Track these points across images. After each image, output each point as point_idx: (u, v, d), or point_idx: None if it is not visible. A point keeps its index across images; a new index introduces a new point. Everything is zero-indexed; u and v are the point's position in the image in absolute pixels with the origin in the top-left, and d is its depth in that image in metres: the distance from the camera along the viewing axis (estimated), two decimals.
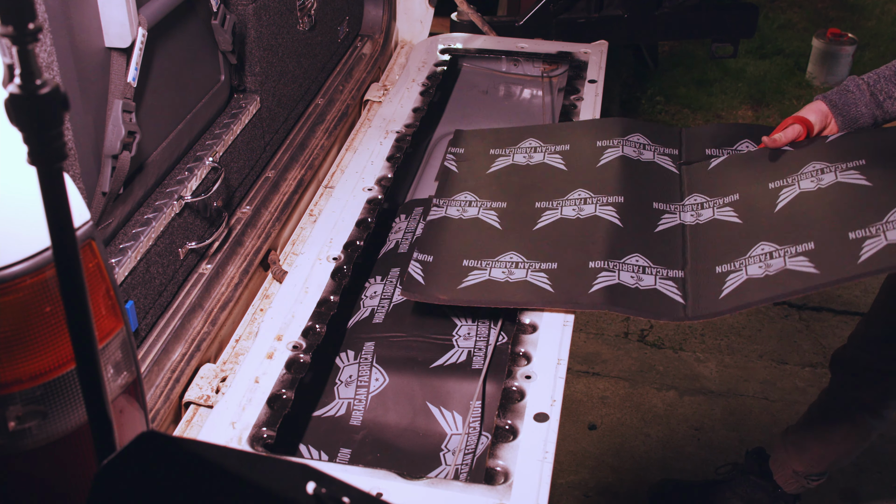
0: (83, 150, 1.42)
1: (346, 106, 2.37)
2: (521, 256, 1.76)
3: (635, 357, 3.19)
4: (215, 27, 1.78)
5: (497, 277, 1.72)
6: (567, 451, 2.81)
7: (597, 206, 1.87)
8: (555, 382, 1.51)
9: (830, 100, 1.98)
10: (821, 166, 1.82)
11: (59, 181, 0.66)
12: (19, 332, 0.95)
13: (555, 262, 1.73)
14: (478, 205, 1.93)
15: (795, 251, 1.65)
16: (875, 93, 1.94)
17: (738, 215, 1.81)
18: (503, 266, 1.74)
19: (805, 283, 1.59)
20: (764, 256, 1.68)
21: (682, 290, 1.68)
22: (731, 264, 1.69)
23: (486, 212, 1.91)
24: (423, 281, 1.73)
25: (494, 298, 1.68)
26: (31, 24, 0.62)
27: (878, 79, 1.94)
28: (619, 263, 1.71)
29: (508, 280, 1.71)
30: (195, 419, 1.53)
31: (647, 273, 1.71)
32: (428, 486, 1.32)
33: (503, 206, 1.93)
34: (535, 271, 1.72)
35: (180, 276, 1.71)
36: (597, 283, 1.66)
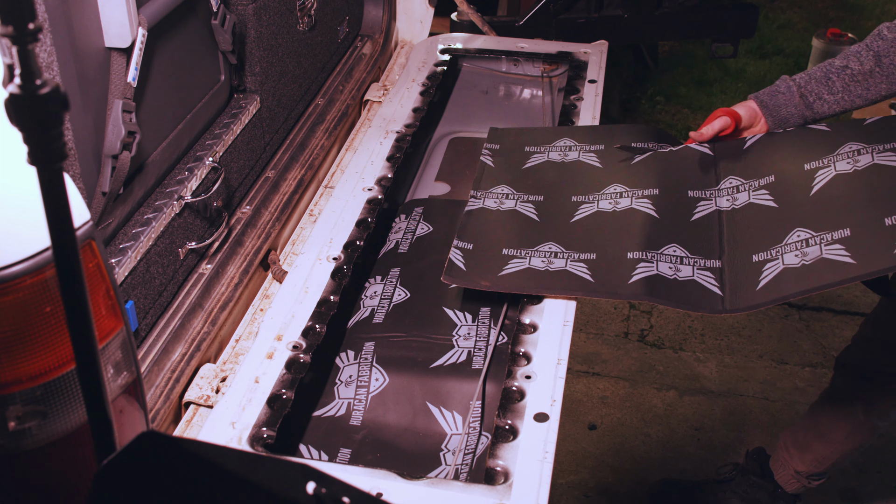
0: (83, 150, 1.42)
1: (346, 106, 2.37)
2: (559, 247, 1.78)
3: (635, 357, 3.19)
4: (215, 27, 1.78)
5: (537, 266, 1.74)
6: (567, 451, 2.81)
7: (633, 199, 1.88)
8: (555, 382, 1.50)
9: (761, 100, 2.00)
10: (857, 147, 1.82)
11: (59, 181, 0.66)
12: (19, 332, 0.95)
13: (593, 253, 1.75)
14: (514, 197, 1.95)
15: (831, 238, 1.65)
16: (805, 94, 1.96)
17: (774, 199, 1.81)
18: (542, 255, 1.76)
19: (841, 276, 1.58)
20: (800, 244, 1.67)
21: (719, 281, 1.68)
22: (768, 252, 1.69)
23: (523, 204, 1.93)
24: (465, 267, 1.75)
25: (535, 286, 1.70)
26: (31, 24, 0.62)
27: (808, 80, 1.97)
28: (657, 254, 1.72)
29: (548, 269, 1.72)
30: (195, 419, 1.53)
31: (685, 263, 1.71)
32: (428, 486, 1.32)
33: (540, 199, 1.94)
34: (574, 261, 1.74)
35: (180, 276, 1.71)
36: (636, 274, 1.68)
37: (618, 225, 1.82)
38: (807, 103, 1.97)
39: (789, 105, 1.97)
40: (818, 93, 1.96)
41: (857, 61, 1.94)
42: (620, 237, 1.78)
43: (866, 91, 1.95)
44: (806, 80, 1.97)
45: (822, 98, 1.96)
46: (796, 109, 1.97)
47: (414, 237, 2.00)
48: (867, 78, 1.94)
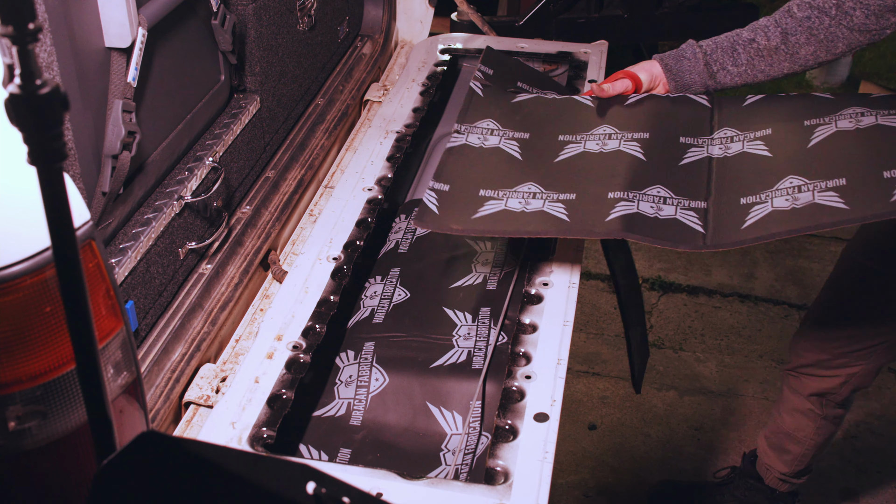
0: (83, 150, 1.42)
1: (346, 106, 2.37)
2: (539, 187, 1.73)
3: None
4: (215, 27, 1.78)
5: (513, 208, 1.69)
6: (567, 451, 2.81)
7: (621, 141, 1.84)
8: (555, 382, 1.51)
9: (666, 63, 1.99)
10: (861, 110, 1.79)
11: (59, 181, 0.67)
12: (19, 332, 0.95)
13: (573, 193, 1.70)
14: (499, 133, 1.90)
15: (825, 186, 1.61)
16: (710, 62, 1.95)
17: (769, 149, 1.78)
18: (520, 196, 1.71)
19: (832, 218, 1.54)
20: (792, 190, 1.64)
21: (702, 220, 1.64)
22: (757, 196, 1.65)
23: (507, 141, 1.88)
24: (438, 210, 1.69)
25: (508, 228, 1.65)
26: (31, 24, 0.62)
27: (715, 48, 1.96)
28: (640, 194, 1.68)
29: (525, 210, 1.67)
30: (195, 419, 1.53)
31: (668, 204, 1.67)
32: (428, 486, 1.32)
33: (525, 136, 1.89)
34: (552, 202, 1.69)
35: (180, 276, 1.71)
36: (614, 213, 1.63)
37: (603, 166, 1.77)
38: (710, 72, 1.95)
39: (693, 71, 1.96)
40: (722, 62, 1.95)
41: (765, 36, 1.93)
42: (603, 178, 1.73)
43: (769, 67, 1.94)
44: (713, 48, 1.95)
45: (725, 68, 1.95)
46: (699, 77, 1.96)
47: (414, 237, 2.00)
48: (772, 54, 1.93)
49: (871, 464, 2.82)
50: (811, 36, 1.90)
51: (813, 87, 4.89)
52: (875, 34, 1.89)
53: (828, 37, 1.90)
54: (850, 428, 2.92)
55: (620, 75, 2.00)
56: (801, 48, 1.91)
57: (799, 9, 1.92)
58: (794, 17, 1.91)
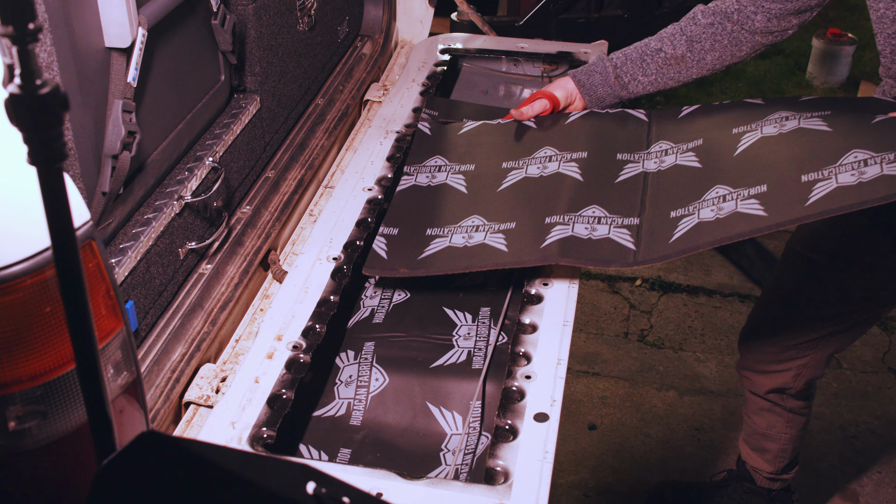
0: (83, 150, 1.42)
1: (346, 106, 2.37)
2: (482, 219, 1.76)
3: (635, 357, 3.19)
4: (215, 27, 1.78)
5: (457, 243, 1.71)
6: (567, 451, 2.81)
7: (560, 163, 1.87)
8: (555, 382, 1.50)
9: (578, 79, 2.03)
10: (787, 114, 1.82)
11: (59, 181, 0.67)
12: (19, 332, 0.95)
13: (513, 222, 1.73)
14: (447, 169, 1.94)
15: (748, 193, 1.64)
16: (620, 75, 1.99)
17: (699, 160, 1.81)
18: (464, 231, 1.74)
19: (751, 226, 1.56)
20: (717, 199, 1.66)
21: (635, 237, 1.66)
22: (686, 208, 1.68)
23: (454, 176, 1.92)
24: (386, 255, 1.72)
25: (451, 265, 1.67)
26: (31, 24, 0.62)
27: (625, 60, 1.99)
28: (575, 216, 1.70)
29: (467, 245, 1.70)
30: (195, 419, 1.53)
31: (603, 223, 1.70)
32: (428, 486, 1.32)
33: (471, 168, 1.93)
34: (493, 233, 1.71)
35: (180, 276, 1.71)
36: (549, 238, 1.66)
37: (543, 190, 1.80)
38: (622, 83, 1.99)
39: (605, 84, 2.00)
40: (633, 74, 1.98)
41: (671, 45, 1.96)
42: (542, 203, 1.76)
43: (678, 74, 1.98)
44: (622, 60, 1.99)
45: (636, 79, 1.98)
46: (611, 89, 2.00)
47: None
48: (679, 62, 1.97)
49: (871, 464, 2.82)
50: (715, 42, 1.95)
51: (813, 88, 4.89)
52: (777, 35, 1.93)
53: (731, 41, 1.94)
54: (850, 428, 2.92)
55: (538, 95, 2.05)
56: (707, 54, 1.96)
57: (703, 15, 1.96)
58: (698, 24, 1.95)
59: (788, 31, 1.92)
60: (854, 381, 3.10)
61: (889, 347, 3.25)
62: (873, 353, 3.21)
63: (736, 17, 1.92)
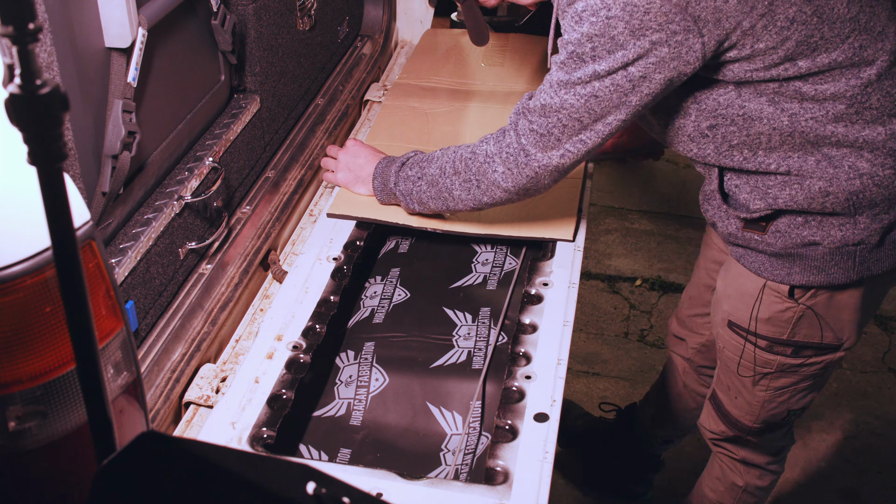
0: (83, 150, 1.42)
1: (346, 106, 2.37)
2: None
3: (635, 357, 3.18)
4: (215, 27, 1.78)
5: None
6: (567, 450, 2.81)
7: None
8: (555, 382, 1.51)
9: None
10: None
11: (59, 181, 0.67)
12: (19, 332, 0.95)
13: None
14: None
15: None
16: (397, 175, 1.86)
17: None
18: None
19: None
20: None
21: None
22: None
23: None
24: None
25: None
26: (31, 24, 0.62)
27: (407, 162, 1.87)
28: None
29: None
30: (195, 419, 1.53)
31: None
32: (428, 486, 1.32)
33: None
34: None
35: (180, 276, 1.71)
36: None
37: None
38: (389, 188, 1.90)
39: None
40: (398, 179, 1.87)
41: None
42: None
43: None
44: (407, 160, 1.87)
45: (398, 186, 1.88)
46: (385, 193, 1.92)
47: (414, 237, 2.00)
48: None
49: (871, 464, 2.82)
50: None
51: None
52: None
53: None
54: (850, 428, 2.92)
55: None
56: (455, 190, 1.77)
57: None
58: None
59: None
60: (854, 381, 3.10)
61: (889, 347, 3.25)
62: (873, 353, 3.21)
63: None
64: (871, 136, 1.53)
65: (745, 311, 1.77)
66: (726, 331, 1.84)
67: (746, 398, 1.90)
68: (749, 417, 1.93)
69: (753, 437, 1.99)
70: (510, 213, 1.92)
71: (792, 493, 2.69)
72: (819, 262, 1.63)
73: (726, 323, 1.83)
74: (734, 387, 1.91)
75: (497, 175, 1.68)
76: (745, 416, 1.94)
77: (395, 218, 1.90)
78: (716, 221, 1.72)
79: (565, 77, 1.52)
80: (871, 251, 1.62)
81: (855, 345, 1.82)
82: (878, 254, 1.62)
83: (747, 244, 1.69)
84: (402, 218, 1.90)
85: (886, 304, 3.38)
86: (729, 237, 1.72)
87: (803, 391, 1.86)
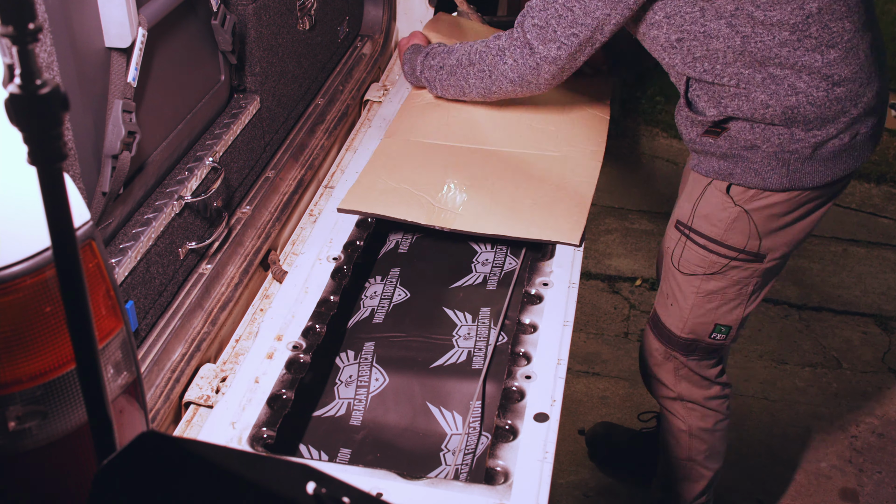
0: (83, 150, 1.42)
1: (346, 106, 2.37)
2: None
3: (635, 357, 3.18)
4: (215, 27, 1.78)
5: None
6: (567, 451, 2.81)
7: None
8: (555, 382, 1.51)
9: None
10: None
11: (59, 181, 0.67)
12: (19, 332, 0.95)
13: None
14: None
15: None
16: (423, 57, 2.23)
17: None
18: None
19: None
20: None
21: None
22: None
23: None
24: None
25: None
26: (31, 24, 0.62)
27: (432, 51, 2.19)
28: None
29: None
30: (195, 419, 1.53)
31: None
32: (428, 486, 1.32)
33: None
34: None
35: (180, 276, 1.71)
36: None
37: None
38: (415, 68, 2.24)
39: (410, 65, 2.27)
40: (423, 63, 2.20)
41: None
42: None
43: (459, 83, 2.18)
44: (432, 49, 2.20)
45: (423, 67, 2.22)
46: (410, 71, 2.28)
47: (414, 237, 2.00)
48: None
49: (871, 464, 2.82)
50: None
51: None
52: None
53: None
54: (850, 428, 2.92)
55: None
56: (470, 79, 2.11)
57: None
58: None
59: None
60: (854, 381, 3.10)
61: (889, 347, 3.25)
62: (873, 353, 3.21)
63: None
64: (809, 61, 1.74)
65: (689, 208, 1.98)
66: (672, 231, 2.04)
67: (680, 304, 2.06)
68: (679, 325, 2.08)
69: (683, 353, 2.12)
70: (518, 214, 1.91)
71: (792, 493, 2.69)
72: (757, 166, 1.84)
73: (674, 224, 2.04)
74: (670, 293, 2.08)
75: (506, 67, 1.98)
76: (676, 323, 2.09)
77: (404, 215, 1.90)
78: (682, 130, 1.94)
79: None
80: (803, 162, 1.82)
81: (781, 265, 2.00)
82: (809, 166, 1.83)
83: (703, 148, 1.90)
84: (411, 215, 1.89)
85: (886, 304, 3.38)
86: (690, 143, 1.94)
87: (731, 302, 2.02)
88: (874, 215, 3.91)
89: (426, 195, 1.94)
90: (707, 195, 1.92)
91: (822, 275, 3.55)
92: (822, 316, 3.38)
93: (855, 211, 3.93)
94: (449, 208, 1.91)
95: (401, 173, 2.02)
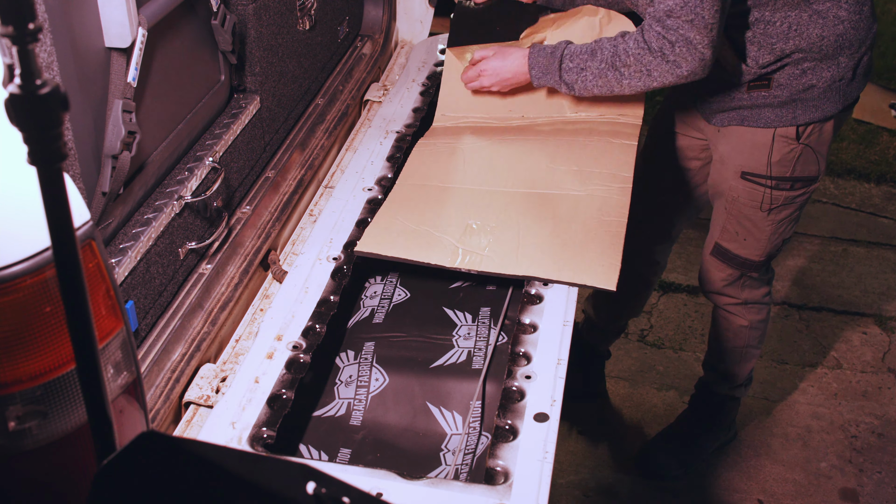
0: (83, 150, 1.42)
1: (346, 106, 2.37)
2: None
3: (635, 357, 3.18)
4: (215, 27, 1.78)
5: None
6: (567, 451, 2.81)
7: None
8: (555, 382, 1.51)
9: (532, 55, 2.13)
10: None
11: (59, 181, 0.67)
12: (19, 332, 0.95)
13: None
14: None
15: None
16: (564, 61, 2.05)
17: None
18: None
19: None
20: None
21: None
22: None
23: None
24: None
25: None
26: (31, 24, 0.62)
27: (577, 51, 2.05)
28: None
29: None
30: (195, 419, 1.53)
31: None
32: (428, 486, 1.32)
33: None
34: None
35: (180, 276, 1.71)
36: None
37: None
38: (560, 72, 2.07)
39: (548, 71, 2.07)
40: (571, 66, 2.05)
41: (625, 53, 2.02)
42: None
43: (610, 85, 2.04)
44: (576, 51, 2.06)
45: (570, 71, 2.06)
46: (552, 77, 2.07)
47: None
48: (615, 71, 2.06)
49: (871, 464, 2.82)
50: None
51: None
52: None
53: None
54: (850, 428, 2.92)
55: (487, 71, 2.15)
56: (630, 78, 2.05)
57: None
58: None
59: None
60: (854, 381, 3.10)
61: (889, 347, 3.25)
62: (873, 353, 3.21)
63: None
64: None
65: (761, 158, 2.16)
66: (740, 182, 2.22)
67: (756, 236, 2.31)
68: (758, 253, 2.35)
69: (757, 271, 2.42)
70: (548, 255, 1.79)
71: (792, 493, 2.69)
72: (816, 101, 2.06)
73: (739, 175, 2.21)
74: (743, 230, 2.32)
75: (668, 65, 1.96)
76: (754, 253, 2.36)
77: (426, 258, 1.77)
78: (717, 99, 2.13)
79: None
80: (848, 84, 2.07)
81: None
82: (851, 86, 2.09)
83: (754, 103, 2.08)
84: (434, 258, 1.77)
85: (886, 304, 3.38)
86: (731, 103, 2.11)
87: (793, 221, 2.32)
88: (874, 215, 3.91)
89: (448, 237, 1.82)
90: (777, 146, 2.12)
91: (822, 275, 3.55)
92: (822, 316, 3.38)
93: (855, 211, 3.92)
94: (474, 250, 1.78)
95: (419, 216, 1.89)
